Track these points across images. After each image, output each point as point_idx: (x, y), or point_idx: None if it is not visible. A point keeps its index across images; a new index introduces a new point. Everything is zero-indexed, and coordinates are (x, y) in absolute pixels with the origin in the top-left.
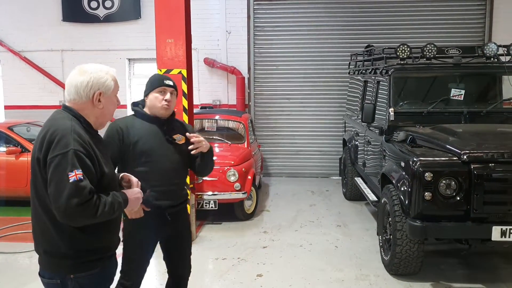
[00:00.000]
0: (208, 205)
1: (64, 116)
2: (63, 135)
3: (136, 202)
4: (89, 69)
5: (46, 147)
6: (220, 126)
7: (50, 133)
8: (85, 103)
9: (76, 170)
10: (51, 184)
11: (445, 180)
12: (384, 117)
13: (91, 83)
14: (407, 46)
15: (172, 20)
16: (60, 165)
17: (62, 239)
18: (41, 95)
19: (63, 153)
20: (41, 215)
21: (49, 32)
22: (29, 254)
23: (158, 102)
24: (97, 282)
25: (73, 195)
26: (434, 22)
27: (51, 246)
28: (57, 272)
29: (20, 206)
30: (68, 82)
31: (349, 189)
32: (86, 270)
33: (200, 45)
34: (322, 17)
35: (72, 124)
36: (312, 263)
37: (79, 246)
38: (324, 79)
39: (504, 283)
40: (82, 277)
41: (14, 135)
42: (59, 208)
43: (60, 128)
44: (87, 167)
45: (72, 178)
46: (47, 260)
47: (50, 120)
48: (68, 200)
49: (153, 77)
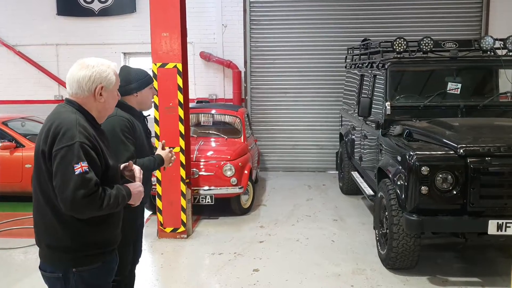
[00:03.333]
0: (205, 200)
1: (68, 109)
2: (68, 127)
3: (139, 195)
4: (91, 63)
5: (51, 140)
6: (216, 120)
7: (55, 126)
8: (87, 97)
9: (81, 162)
10: (57, 176)
11: (442, 174)
12: (380, 111)
13: (94, 77)
14: (403, 39)
15: (167, 14)
16: (65, 157)
17: (66, 233)
18: (36, 90)
19: (68, 145)
20: (44, 208)
21: (44, 26)
22: (24, 250)
23: (151, 97)
24: (98, 276)
25: (79, 187)
26: (430, 15)
27: (54, 240)
28: (59, 265)
29: (15, 202)
30: (70, 77)
31: (346, 183)
32: (89, 264)
33: (196, 39)
34: (319, 11)
35: (76, 117)
36: (308, 257)
37: (82, 240)
38: (321, 73)
39: (500, 276)
40: (84, 271)
41: (9, 130)
42: (65, 200)
43: (65, 121)
44: (92, 160)
45: (78, 170)
46: (49, 253)
47: (54, 113)
48: (74, 192)
49: (143, 72)
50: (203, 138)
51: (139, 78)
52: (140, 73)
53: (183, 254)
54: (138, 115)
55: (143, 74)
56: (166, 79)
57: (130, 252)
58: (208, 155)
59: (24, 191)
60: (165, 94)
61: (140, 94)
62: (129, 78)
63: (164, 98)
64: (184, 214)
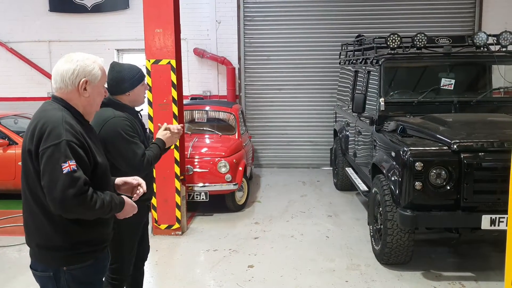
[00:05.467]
0: (199, 197)
1: (54, 107)
2: (54, 126)
3: (131, 210)
4: (75, 57)
5: (37, 139)
6: (210, 117)
7: (41, 124)
8: (71, 91)
9: (69, 161)
10: (45, 176)
11: (435, 170)
12: (374, 107)
13: (77, 71)
14: (397, 35)
15: (161, 10)
16: (52, 156)
17: (56, 232)
18: (28, 87)
19: (55, 143)
20: (33, 207)
21: (36, 22)
22: (17, 248)
23: (143, 94)
24: (89, 274)
25: (68, 186)
26: (424, 11)
27: (44, 239)
28: (50, 264)
29: (8, 199)
30: (55, 70)
31: (340, 180)
32: (79, 262)
33: (189, 35)
34: (313, 7)
35: (63, 115)
36: (303, 253)
37: (72, 238)
38: (315, 69)
39: (493, 271)
40: (75, 269)
41: (1, 127)
42: (54, 200)
43: (51, 119)
44: (80, 158)
45: (66, 169)
46: (39, 253)
47: (40, 111)
48: (63, 192)
49: (135, 69)
50: (197, 135)
51: (132, 76)
52: (132, 70)
53: (178, 251)
54: (132, 112)
55: (135, 72)
56: (159, 75)
57: (133, 251)
58: (202, 151)
59: (17, 189)
60: (159, 91)
61: (133, 93)
62: (121, 76)
63: (158, 94)
64: (179, 211)
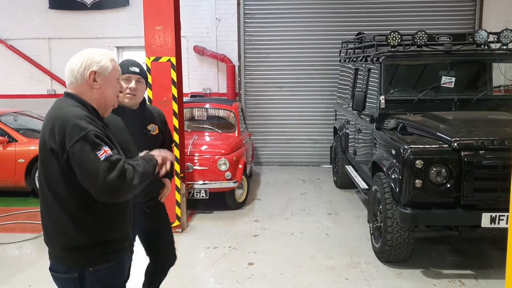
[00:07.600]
0: (199, 194)
1: (69, 103)
2: (75, 120)
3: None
4: (84, 52)
5: (60, 137)
6: (210, 114)
7: (61, 121)
8: (81, 85)
9: (103, 147)
10: (82, 170)
11: (436, 168)
12: (375, 105)
13: (85, 63)
14: (398, 33)
15: (161, 7)
16: (84, 148)
17: (80, 231)
18: (28, 84)
19: (82, 136)
20: (53, 208)
21: (36, 19)
22: (18, 245)
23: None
24: (114, 275)
25: (109, 170)
26: (424, 9)
27: (69, 240)
28: (75, 265)
29: (7, 197)
30: (66, 67)
31: (340, 177)
32: (105, 262)
33: (189, 32)
34: (313, 4)
35: (80, 109)
36: (303, 251)
37: (97, 238)
38: (315, 67)
39: (493, 269)
40: (100, 270)
41: (1, 124)
42: (100, 189)
43: (69, 115)
44: (108, 143)
45: (103, 156)
46: (64, 254)
47: (55, 109)
48: (105, 178)
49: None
50: (197, 133)
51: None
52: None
53: (178, 248)
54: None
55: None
56: (159, 73)
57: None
58: (202, 149)
59: (17, 186)
60: (159, 88)
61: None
62: None
63: (158, 92)
64: (179, 208)
